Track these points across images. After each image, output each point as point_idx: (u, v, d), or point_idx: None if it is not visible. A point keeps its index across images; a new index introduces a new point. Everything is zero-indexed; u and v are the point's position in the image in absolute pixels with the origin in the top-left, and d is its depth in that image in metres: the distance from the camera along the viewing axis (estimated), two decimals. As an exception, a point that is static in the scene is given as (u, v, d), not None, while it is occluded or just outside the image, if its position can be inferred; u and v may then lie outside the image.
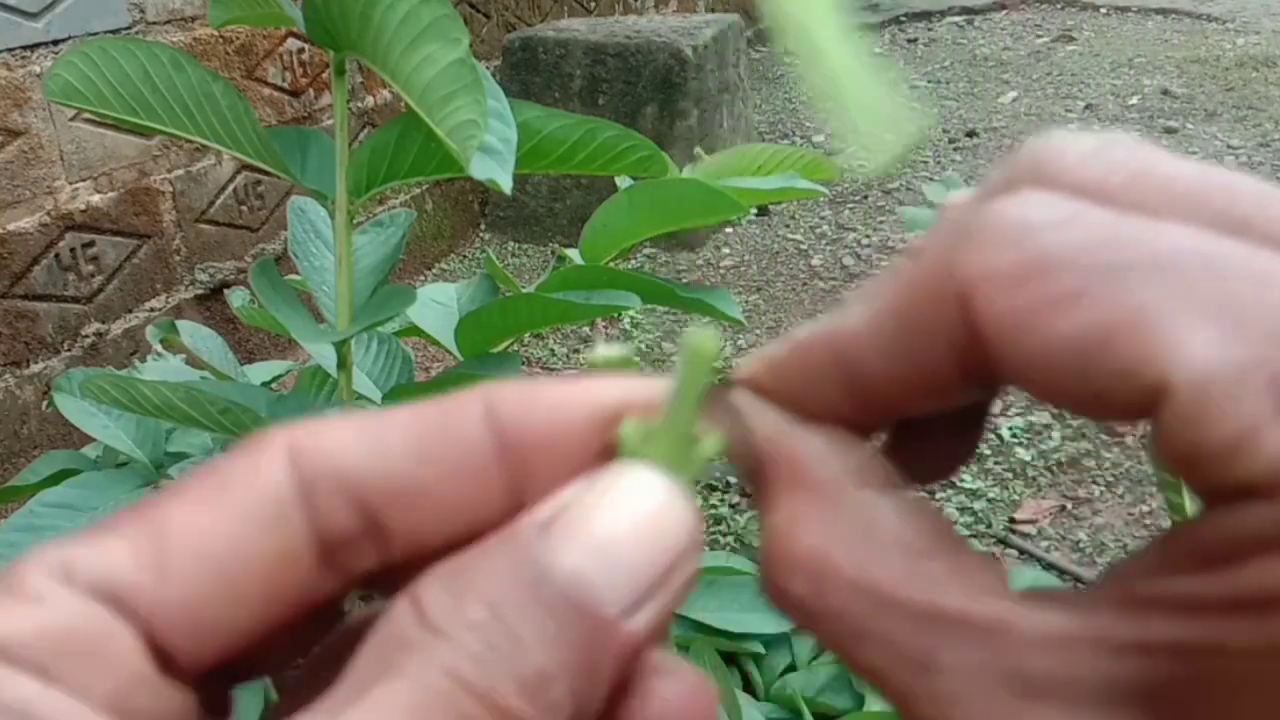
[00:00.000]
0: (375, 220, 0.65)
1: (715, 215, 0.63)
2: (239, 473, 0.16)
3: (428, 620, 0.15)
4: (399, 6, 0.45)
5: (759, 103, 3.92)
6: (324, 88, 2.22)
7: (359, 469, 0.16)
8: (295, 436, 0.17)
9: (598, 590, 0.15)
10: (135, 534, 0.16)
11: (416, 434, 0.17)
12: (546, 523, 0.15)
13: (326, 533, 0.16)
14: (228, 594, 0.16)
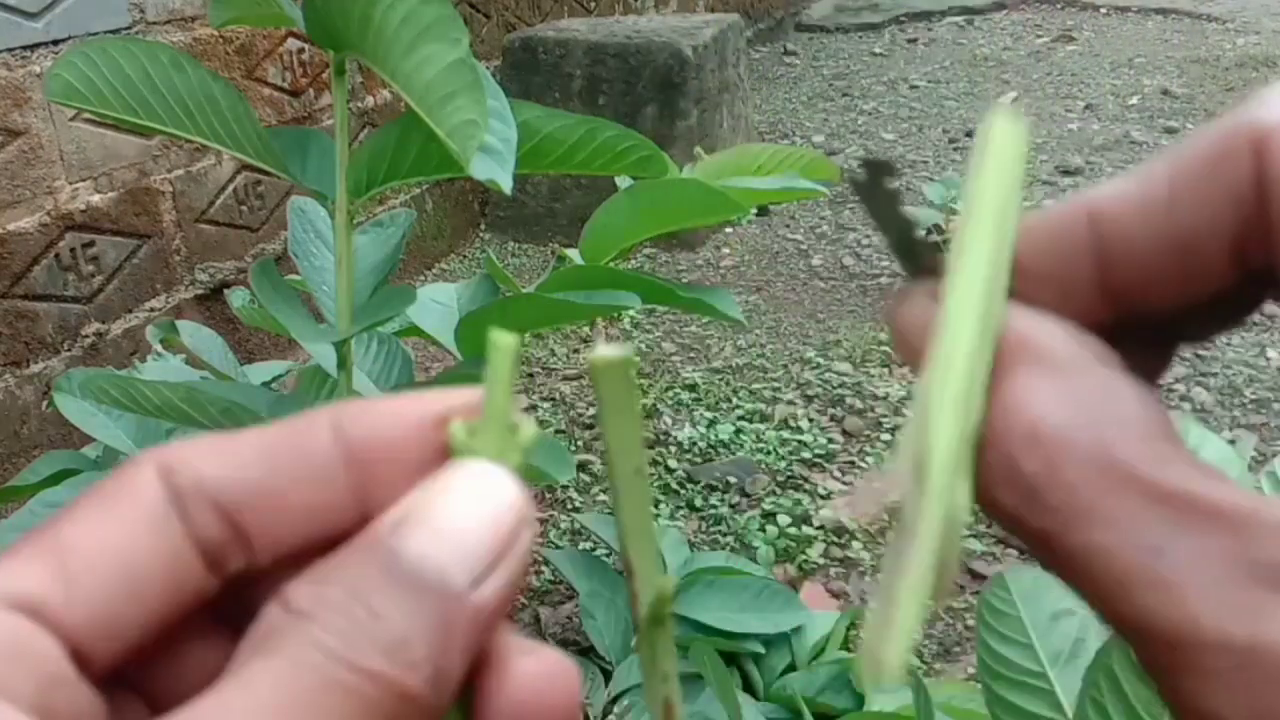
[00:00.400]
0: (375, 220, 0.65)
1: (715, 215, 0.63)
2: (119, 490, 0.18)
3: (292, 608, 0.16)
4: (399, 6, 0.45)
5: (759, 103, 3.92)
6: (324, 88, 2.21)
7: (218, 479, 0.18)
8: (162, 456, 0.19)
9: (444, 567, 0.17)
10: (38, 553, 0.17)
11: (268, 447, 0.19)
12: (397, 522, 0.17)
13: (200, 539, 0.18)
14: (128, 594, 0.17)
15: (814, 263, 2.70)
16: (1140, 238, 0.16)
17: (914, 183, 3.14)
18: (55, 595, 0.17)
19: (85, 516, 0.18)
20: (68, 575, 0.17)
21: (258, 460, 0.19)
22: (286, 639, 0.16)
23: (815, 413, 2.02)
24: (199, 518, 0.18)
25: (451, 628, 0.17)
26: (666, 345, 2.30)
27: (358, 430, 0.19)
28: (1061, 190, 3.06)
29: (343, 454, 0.19)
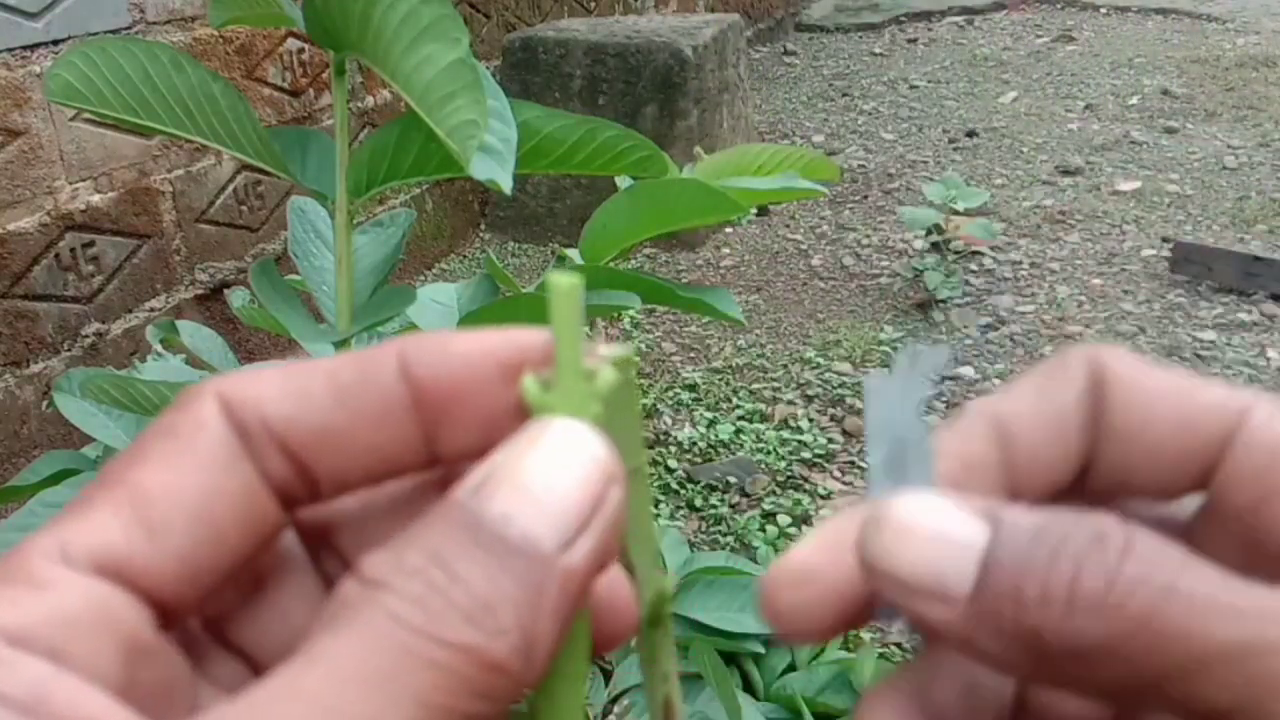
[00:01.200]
0: (375, 220, 0.65)
1: (715, 215, 0.63)
2: (185, 426, 0.17)
3: (367, 578, 0.15)
4: (399, 6, 0.45)
5: (759, 103, 3.92)
6: (324, 88, 2.22)
7: (285, 418, 0.17)
8: (223, 388, 0.18)
9: (531, 529, 0.16)
10: (114, 503, 0.16)
11: (335, 384, 0.18)
12: (477, 485, 0.16)
13: (269, 474, 0.17)
14: (212, 536, 0.17)
15: (814, 263, 2.70)
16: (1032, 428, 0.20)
17: (914, 182, 3.14)
18: (140, 551, 0.16)
19: (153, 457, 0.17)
20: (150, 526, 0.16)
21: (325, 398, 0.18)
22: (360, 611, 0.15)
23: (815, 413, 2.02)
24: (266, 454, 0.17)
25: (541, 593, 0.15)
26: (666, 345, 2.30)
27: (425, 370, 0.18)
28: (1061, 190, 3.06)
29: (410, 393, 0.18)
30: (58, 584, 0.15)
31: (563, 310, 0.18)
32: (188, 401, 0.18)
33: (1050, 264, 2.61)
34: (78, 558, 0.15)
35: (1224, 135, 3.42)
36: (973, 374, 2.14)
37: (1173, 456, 0.19)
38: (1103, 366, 0.20)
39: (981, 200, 2.35)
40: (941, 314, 2.37)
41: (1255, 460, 0.18)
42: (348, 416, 0.18)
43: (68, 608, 0.15)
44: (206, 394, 0.17)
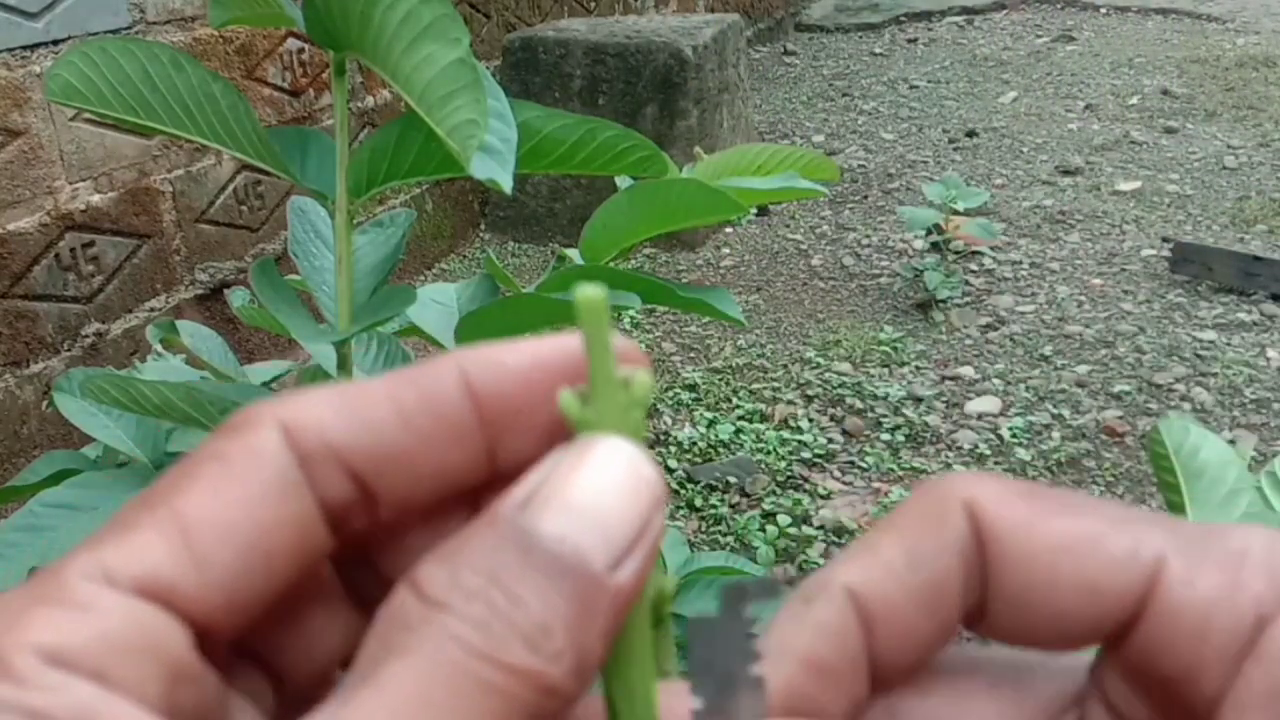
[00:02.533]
0: (375, 220, 0.65)
1: (715, 215, 0.63)
2: (239, 453, 0.17)
3: (426, 596, 0.15)
4: (399, 6, 0.45)
5: (759, 103, 3.92)
6: (324, 88, 2.22)
7: (347, 441, 0.17)
8: (282, 413, 0.17)
9: (583, 548, 0.16)
10: (159, 526, 0.16)
11: (399, 403, 0.17)
12: (524, 500, 0.16)
13: (327, 501, 0.17)
14: (262, 569, 0.16)
15: (814, 263, 2.70)
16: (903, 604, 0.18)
17: (914, 182, 3.14)
18: (187, 577, 0.16)
19: (203, 483, 0.16)
20: (197, 553, 0.16)
21: (389, 418, 0.17)
22: (423, 634, 0.15)
23: (815, 413, 2.02)
24: (327, 481, 0.17)
25: (592, 613, 0.15)
26: (666, 345, 2.30)
27: (487, 385, 0.18)
28: (1061, 190, 3.06)
29: (475, 410, 0.18)
30: (101, 605, 0.15)
31: (592, 321, 0.17)
32: (244, 426, 0.17)
33: (1050, 264, 2.61)
34: (120, 580, 0.15)
35: (1224, 135, 3.42)
36: (973, 374, 2.14)
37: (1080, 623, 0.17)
38: (980, 515, 0.18)
39: (981, 200, 2.35)
40: (941, 314, 2.37)
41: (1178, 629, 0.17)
42: (414, 439, 0.17)
43: (112, 629, 0.15)
44: (266, 420, 0.17)
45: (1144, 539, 0.17)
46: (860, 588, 0.18)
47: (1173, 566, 0.17)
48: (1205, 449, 0.61)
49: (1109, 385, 2.07)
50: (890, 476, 1.83)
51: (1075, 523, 0.18)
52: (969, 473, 0.18)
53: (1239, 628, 0.16)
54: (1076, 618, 0.17)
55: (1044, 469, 1.83)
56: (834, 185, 2.97)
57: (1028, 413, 1.99)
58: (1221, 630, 0.17)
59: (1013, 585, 0.18)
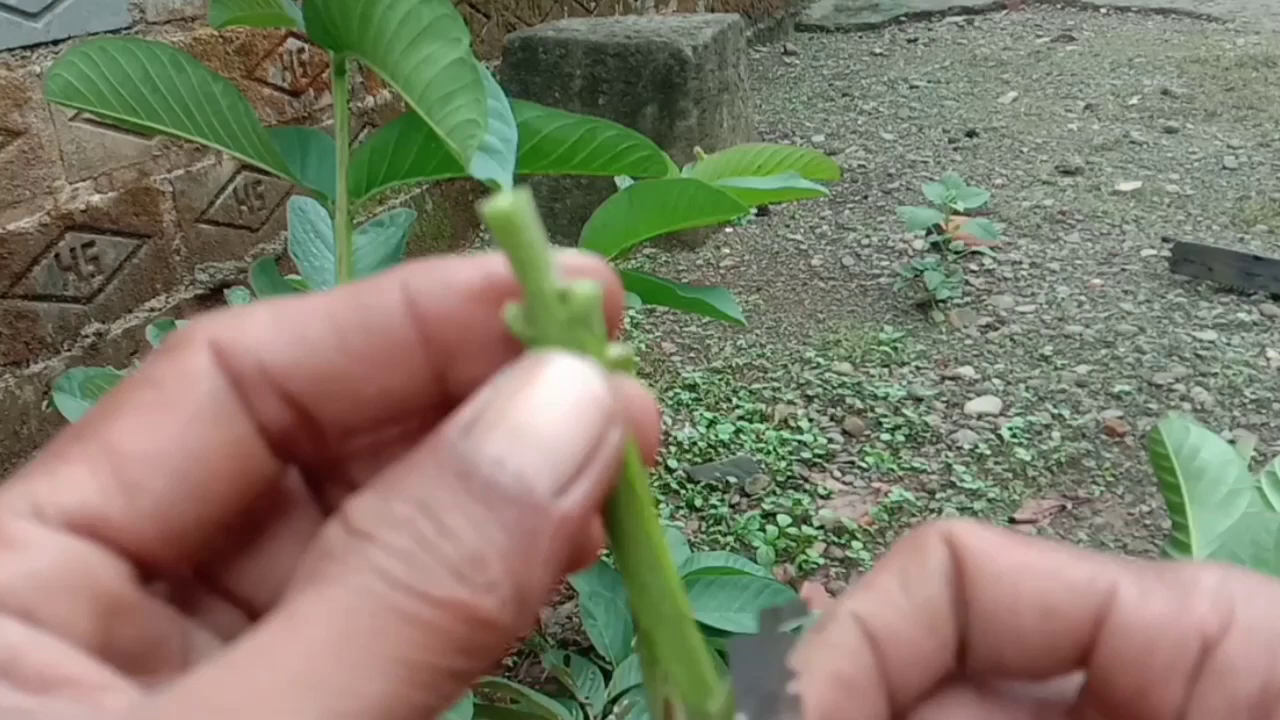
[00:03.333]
0: (375, 220, 0.65)
1: (715, 215, 0.63)
2: (170, 378, 0.16)
3: (353, 527, 0.15)
4: (399, 6, 0.45)
5: (759, 103, 3.92)
6: (324, 88, 2.22)
7: (284, 364, 0.16)
8: (214, 333, 0.16)
9: (524, 473, 0.15)
10: (89, 459, 0.15)
11: (336, 324, 0.17)
12: (469, 424, 0.15)
13: (266, 426, 0.16)
14: (195, 494, 0.16)
15: (814, 263, 2.70)
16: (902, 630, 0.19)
17: (914, 182, 3.14)
18: (116, 508, 0.15)
19: (135, 411, 0.16)
20: (127, 482, 0.15)
21: (327, 339, 0.16)
22: (343, 564, 0.14)
23: (815, 413, 2.02)
24: (264, 406, 0.16)
25: (533, 541, 0.15)
26: (666, 345, 2.30)
27: (432, 304, 0.17)
28: (1061, 190, 3.06)
29: (418, 330, 0.17)
30: (29, 542, 0.15)
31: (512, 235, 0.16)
32: (175, 348, 0.16)
33: (1050, 264, 2.61)
34: (50, 515, 0.15)
35: (1224, 135, 3.42)
36: (973, 374, 2.14)
37: (1041, 643, 0.18)
38: (960, 547, 0.19)
39: (981, 200, 2.35)
40: (941, 314, 2.37)
41: (1128, 648, 0.18)
42: (353, 360, 0.16)
43: (41, 566, 0.14)
44: (197, 341, 0.16)
45: (1101, 569, 0.18)
46: (864, 613, 0.19)
47: (1125, 592, 0.18)
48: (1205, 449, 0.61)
49: (1109, 385, 2.07)
50: (890, 476, 1.83)
51: (1039, 553, 0.19)
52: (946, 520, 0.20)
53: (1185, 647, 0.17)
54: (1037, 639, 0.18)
55: (1044, 469, 1.83)
56: (834, 185, 2.97)
57: (1028, 413, 1.99)
58: (1168, 649, 0.17)
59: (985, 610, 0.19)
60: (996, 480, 1.81)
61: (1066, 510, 1.73)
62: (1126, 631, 0.18)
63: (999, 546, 0.19)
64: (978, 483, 1.80)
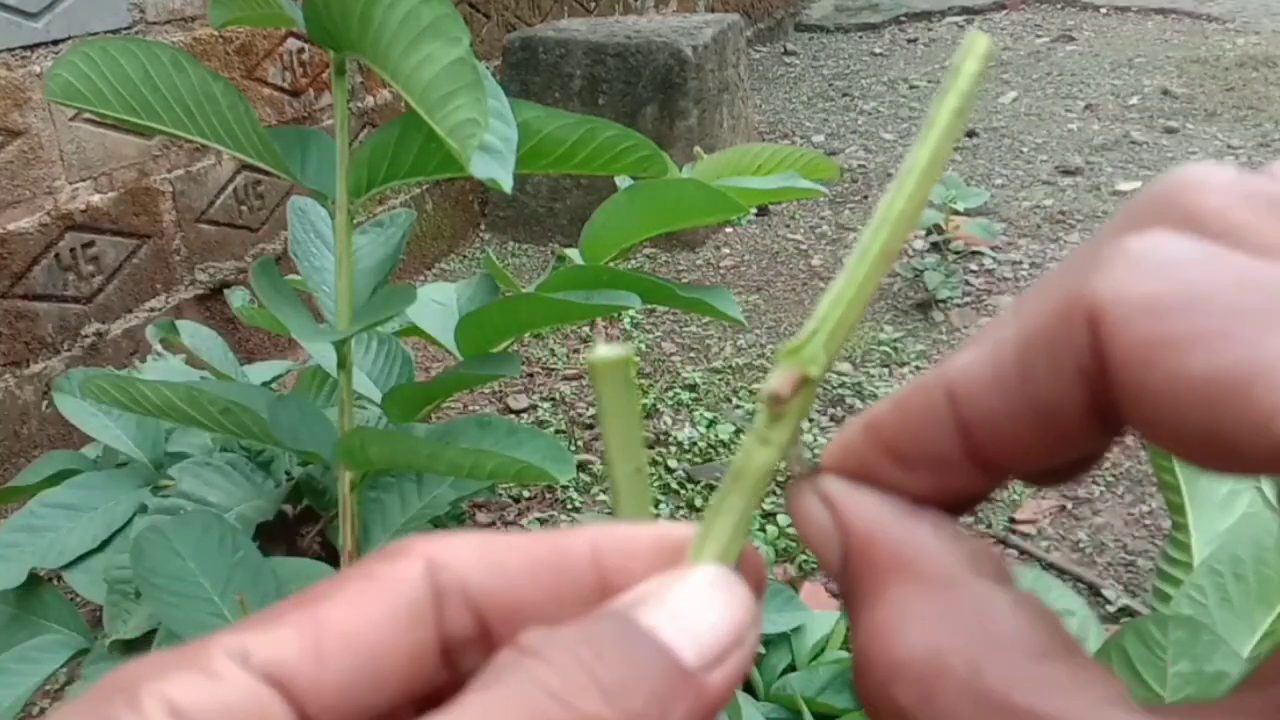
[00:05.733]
0: (375, 220, 0.65)
1: (715, 215, 0.63)
2: (384, 575, 0.19)
3: (523, 647, 0.17)
4: (399, 6, 0.45)
5: (759, 103, 3.92)
6: (324, 88, 2.21)
7: (483, 585, 0.19)
8: (431, 548, 0.19)
9: (675, 642, 0.17)
10: (299, 623, 0.18)
11: (533, 559, 0.19)
12: (633, 601, 0.18)
13: (449, 635, 0.19)
14: (372, 681, 0.18)
15: (814, 263, 2.70)
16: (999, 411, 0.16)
17: (914, 183, 3.13)
18: (306, 670, 0.17)
19: (346, 595, 0.18)
20: (321, 652, 0.17)
21: (522, 572, 0.19)
22: (509, 673, 0.16)
23: (815, 413, 2.02)
24: (455, 617, 0.19)
25: (673, 698, 0.16)
26: (666, 345, 2.30)
27: (613, 557, 0.19)
28: (1061, 190, 3.06)
29: (598, 581, 0.19)
30: (229, 678, 0.17)
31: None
32: (397, 554, 0.19)
33: (1050, 264, 2.61)
34: (253, 662, 0.17)
35: (1224, 135, 3.42)
36: (973, 374, 2.14)
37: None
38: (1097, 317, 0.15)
39: (981, 200, 2.35)
40: (941, 314, 2.37)
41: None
42: (540, 594, 0.19)
43: (232, 700, 0.17)
44: (416, 551, 0.19)
45: None
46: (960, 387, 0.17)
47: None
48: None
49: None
50: (890, 476, 1.83)
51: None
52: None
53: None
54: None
55: (1044, 469, 1.83)
56: (834, 185, 2.97)
57: (1028, 413, 1.99)
58: None
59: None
60: (996, 480, 1.81)
61: (1066, 510, 1.73)
62: None
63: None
64: (978, 483, 1.80)
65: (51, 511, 0.75)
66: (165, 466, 0.79)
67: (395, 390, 0.64)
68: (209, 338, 0.83)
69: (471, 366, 0.62)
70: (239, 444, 0.82)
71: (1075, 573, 1.57)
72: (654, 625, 0.17)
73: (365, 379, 0.69)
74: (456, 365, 0.63)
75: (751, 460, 0.20)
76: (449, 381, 0.61)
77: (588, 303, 0.58)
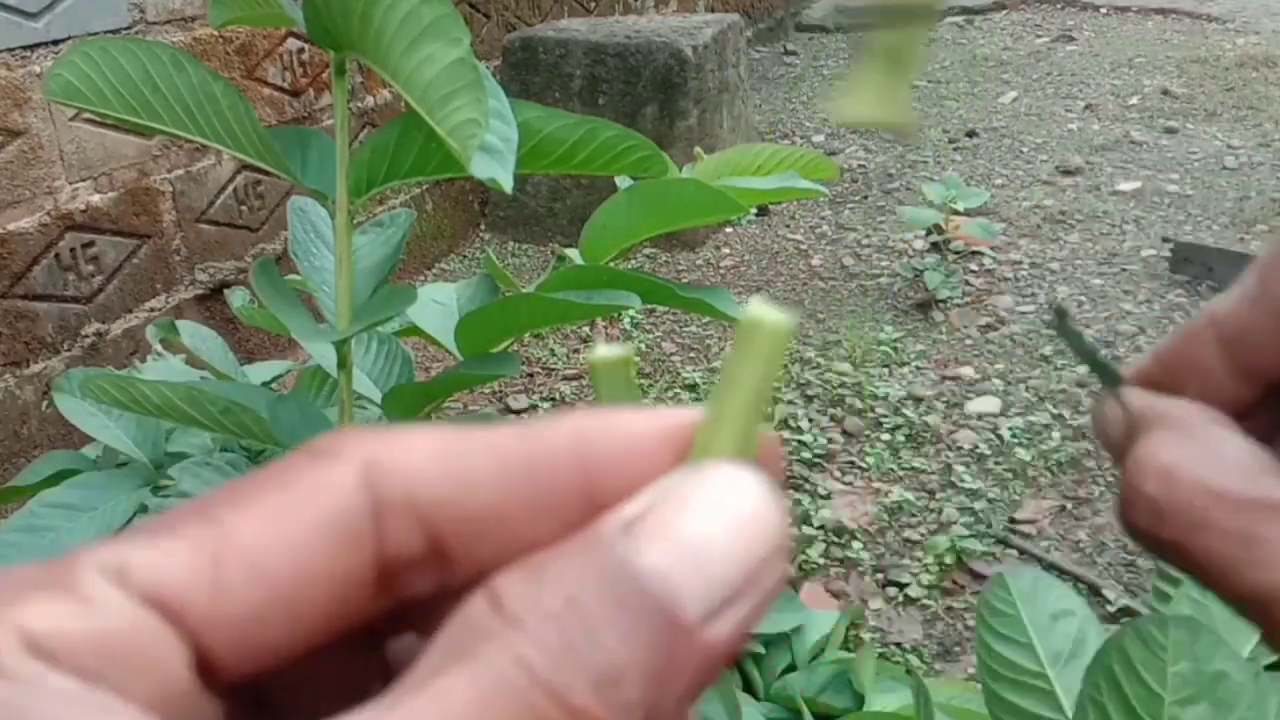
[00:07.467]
0: (375, 220, 0.65)
1: (715, 215, 0.63)
2: (308, 483, 0.15)
3: (504, 609, 0.14)
4: (399, 6, 0.45)
5: (759, 103, 3.92)
6: (324, 88, 2.21)
7: (438, 497, 0.16)
8: (371, 449, 0.16)
9: (679, 591, 0.14)
10: (195, 538, 0.15)
11: (502, 465, 0.16)
12: (630, 521, 0.15)
13: (390, 556, 0.16)
14: (284, 614, 0.15)
15: (814, 263, 2.70)
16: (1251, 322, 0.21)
17: (914, 182, 3.14)
18: (198, 600, 0.15)
19: (258, 506, 0.15)
20: (220, 579, 0.15)
21: (488, 481, 0.16)
22: (490, 646, 0.14)
23: (815, 413, 2.02)
24: (398, 535, 0.15)
25: (673, 668, 0.14)
26: (666, 345, 2.30)
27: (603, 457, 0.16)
28: (1061, 190, 3.06)
29: (586, 483, 0.16)
30: (102, 601, 0.14)
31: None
32: (325, 453, 0.16)
33: (1050, 264, 2.61)
34: (132, 582, 0.14)
35: (1224, 135, 3.42)
36: (973, 374, 2.14)
37: None
38: None
39: (981, 200, 2.35)
40: (941, 314, 2.37)
41: None
42: (512, 504, 0.16)
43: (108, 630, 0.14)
44: (350, 453, 0.16)
45: None
46: (1220, 309, 0.22)
47: None
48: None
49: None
50: (890, 476, 1.83)
51: None
52: None
53: None
54: None
55: (1044, 469, 1.83)
56: (834, 185, 2.97)
57: (1028, 413, 1.99)
58: None
59: None
60: (996, 480, 1.81)
61: (1066, 510, 1.73)
62: None
63: None
64: (978, 483, 1.80)
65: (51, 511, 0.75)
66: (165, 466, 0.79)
67: (395, 390, 0.64)
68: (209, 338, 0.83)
69: (471, 366, 0.62)
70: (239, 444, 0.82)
71: (1075, 573, 1.57)
72: (654, 567, 0.14)
73: (365, 379, 0.69)
74: (456, 365, 0.63)
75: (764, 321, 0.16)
76: (449, 381, 0.61)
77: (588, 303, 0.58)
